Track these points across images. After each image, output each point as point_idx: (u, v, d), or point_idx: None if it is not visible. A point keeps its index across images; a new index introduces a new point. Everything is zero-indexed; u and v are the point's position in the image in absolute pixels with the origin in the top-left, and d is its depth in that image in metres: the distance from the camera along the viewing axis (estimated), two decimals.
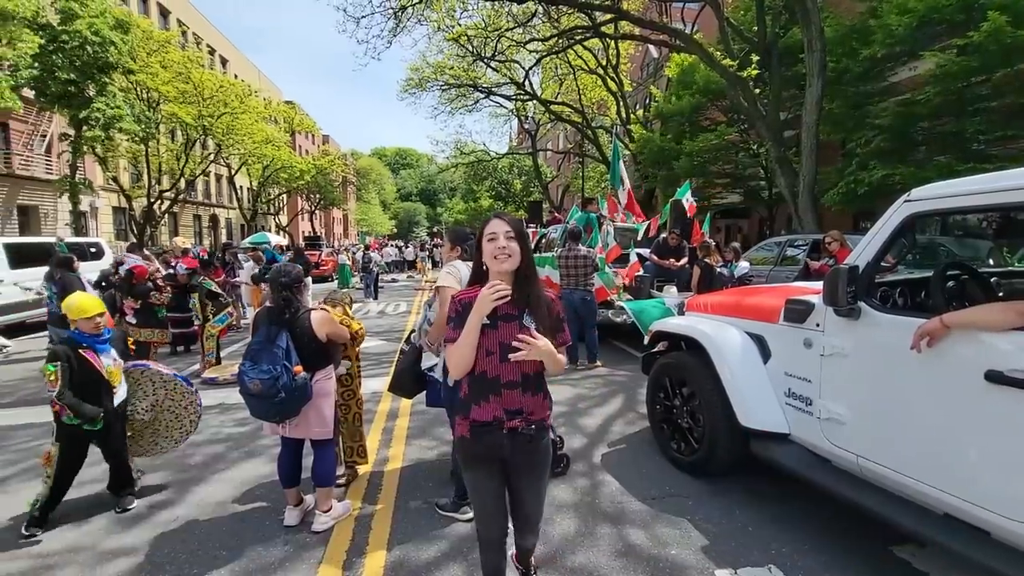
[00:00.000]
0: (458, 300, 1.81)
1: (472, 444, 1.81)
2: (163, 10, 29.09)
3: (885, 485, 2.41)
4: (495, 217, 1.81)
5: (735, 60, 11.40)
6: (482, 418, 1.76)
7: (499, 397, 1.75)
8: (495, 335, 1.73)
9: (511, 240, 1.74)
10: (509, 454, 1.79)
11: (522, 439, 1.78)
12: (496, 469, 1.84)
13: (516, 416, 1.76)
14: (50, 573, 2.59)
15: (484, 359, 1.74)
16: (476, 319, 1.69)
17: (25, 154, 18.78)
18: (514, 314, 1.75)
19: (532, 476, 1.88)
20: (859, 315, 2.45)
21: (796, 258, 8.24)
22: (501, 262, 1.73)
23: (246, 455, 4.01)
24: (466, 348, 1.72)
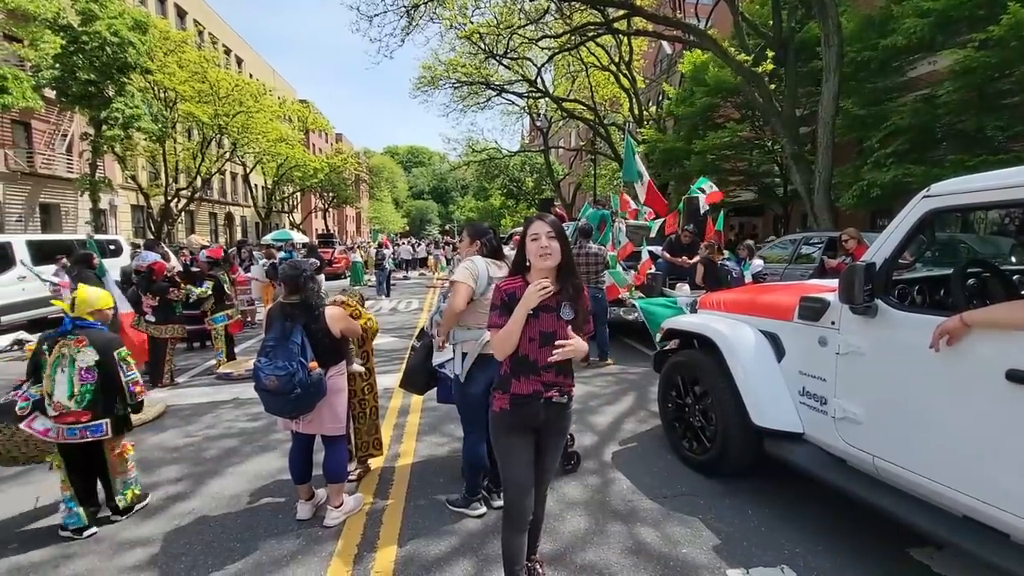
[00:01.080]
0: (503, 290, 2.03)
1: (511, 415, 2.04)
2: (180, 10, 29.49)
3: (902, 486, 2.37)
4: (537, 219, 2.02)
5: (750, 56, 11.26)
6: (522, 391, 2.02)
7: (538, 376, 2.01)
8: (536, 324, 1.98)
9: (552, 239, 1.96)
10: (543, 422, 2.06)
11: (556, 407, 2.05)
12: (529, 440, 2.09)
13: (552, 388, 2.03)
14: (69, 562, 2.65)
15: (526, 344, 1.99)
16: (523, 311, 1.92)
17: (47, 153, 19.18)
18: (553, 306, 1.99)
19: (558, 438, 2.18)
20: (876, 313, 2.40)
21: (811, 256, 8.12)
22: (544, 259, 1.95)
23: (259, 449, 4.06)
24: (513, 336, 1.94)
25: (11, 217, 18.00)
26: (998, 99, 8.65)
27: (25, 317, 9.50)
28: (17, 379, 3.11)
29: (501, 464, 2.12)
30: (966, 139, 9.17)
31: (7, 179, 17.72)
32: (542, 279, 1.93)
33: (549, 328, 1.99)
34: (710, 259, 6.85)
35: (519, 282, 2.03)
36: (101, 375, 2.87)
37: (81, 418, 2.80)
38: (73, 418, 2.79)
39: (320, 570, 2.55)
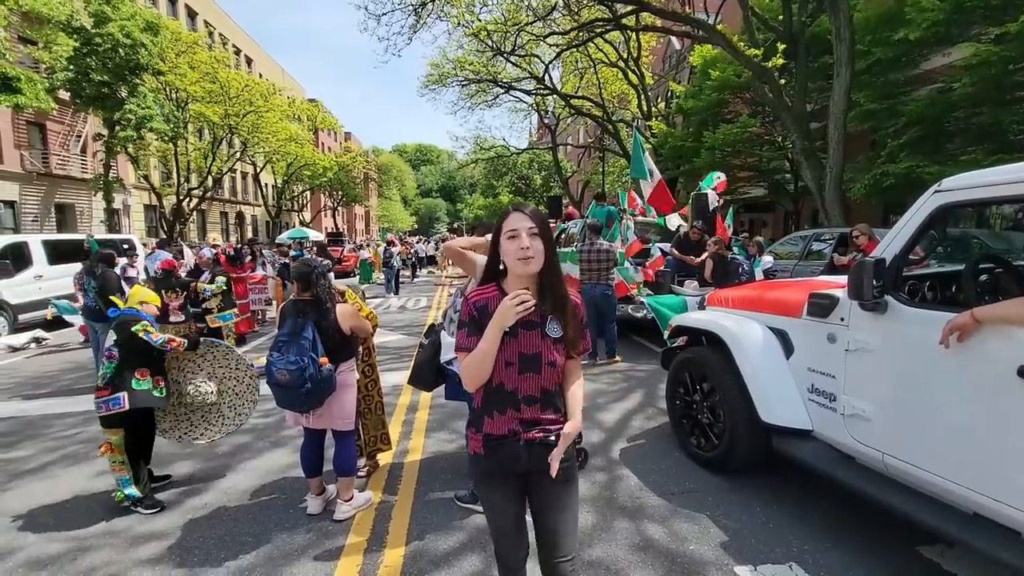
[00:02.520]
0: (472, 302, 1.60)
1: (486, 460, 1.62)
2: (191, 11, 29.76)
3: (912, 483, 2.35)
4: (515, 210, 1.57)
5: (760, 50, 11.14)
6: (496, 432, 1.59)
7: (517, 411, 1.57)
8: (514, 344, 1.55)
9: (535, 238, 1.52)
10: (529, 464, 1.59)
11: (541, 449, 1.57)
12: (514, 487, 1.66)
13: (533, 427, 1.58)
14: (85, 555, 2.71)
15: (502, 370, 1.56)
16: (496, 331, 1.50)
17: (62, 154, 19.47)
18: (536, 321, 1.55)
19: (556, 488, 1.63)
20: (886, 309, 2.39)
21: (822, 252, 8.05)
22: (525, 264, 1.52)
23: (271, 445, 4.11)
24: (484, 361, 1.53)
25: (27, 217, 18.31)
26: (1015, 92, 8.49)
27: (42, 316, 9.67)
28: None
29: (485, 513, 1.78)
30: (981, 133, 9.02)
31: (23, 180, 18.02)
32: (520, 289, 1.49)
33: (531, 349, 1.55)
34: (720, 255, 6.81)
35: (492, 292, 1.60)
36: (123, 352, 3.13)
37: (103, 393, 3.07)
38: (98, 394, 3.09)
39: (330, 564, 2.59)
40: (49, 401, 5.42)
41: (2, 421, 4.83)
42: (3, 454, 4.05)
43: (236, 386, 3.55)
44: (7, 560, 2.67)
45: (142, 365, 3.18)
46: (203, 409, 3.52)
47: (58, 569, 2.59)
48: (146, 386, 3.17)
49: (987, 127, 8.84)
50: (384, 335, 8.26)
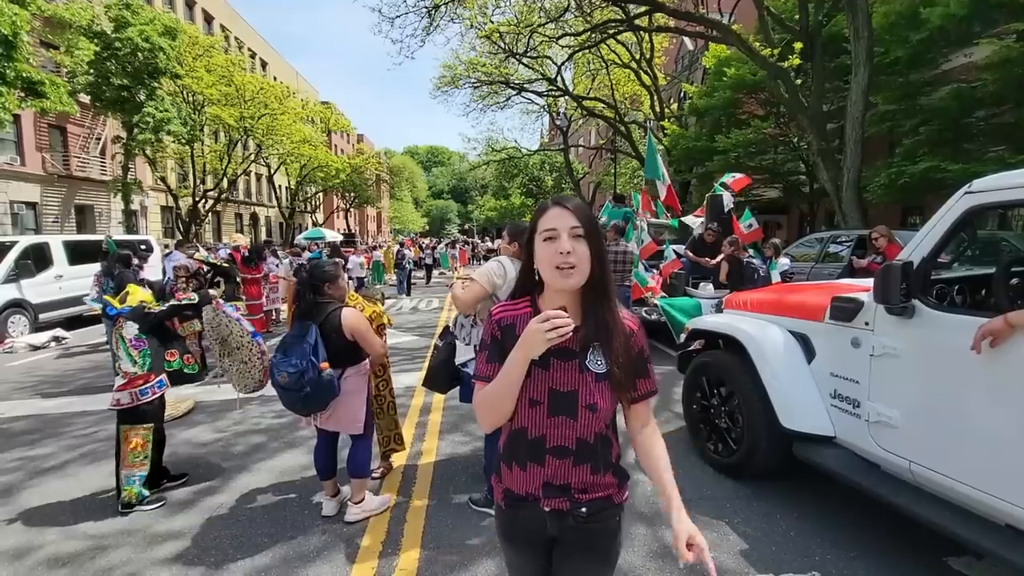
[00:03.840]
0: (496, 319, 1.29)
1: (506, 518, 1.35)
2: (207, 16, 30.19)
3: (940, 492, 2.29)
4: (555, 204, 1.22)
5: (775, 50, 11.02)
6: (515, 489, 1.29)
7: (541, 466, 1.24)
8: (543, 378, 1.21)
9: (578, 240, 1.17)
10: (556, 535, 1.30)
11: (571, 521, 1.26)
12: (539, 552, 1.35)
13: (560, 494, 1.24)
14: (105, 553, 2.73)
15: (525, 410, 1.23)
16: (521, 359, 1.15)
17: (82, 156, 19.84)
18: (574, 349, 1.21)
19: (583, 567, 1.32)
20: (913, 314, 2.33)
21: (839, 255, 7.92)
22: (566, 276, 1.16)
23: (285, 446, 4.13)
24: (503, 395, 1.20)
25: (48, 218, 18.67)
26: None
27: (62, 315, 9.84)
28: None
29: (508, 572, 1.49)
30: (1004, 133, 8.83)
31: (45, 181, 18.38)
32: (557, 307, 1.13)
33: (566, 386, 1.21)
34: (735, 257, 6.73)
35: (523, 308, 1.27)
36: (152, 339, 3.26)
37: (149, 379, 3.23)
38: (142, 380, 3.20)
39: (345, 567, 2.58)
40: (69, 399, 5.50)
41: (23, 419, 4.91)
42: (24, 452, 4.11)
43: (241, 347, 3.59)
44: (27, 558, 2.70)
45: (171, 346, 3.38)
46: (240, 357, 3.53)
47: (77, 567, 2.61)
48: (177, 365, 3.36)
49: (1010, 126, 8.65)
50: (397, 336, 8.28)
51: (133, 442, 3.15)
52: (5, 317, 8.67)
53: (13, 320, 8.84)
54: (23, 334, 8.83)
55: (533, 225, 1.24)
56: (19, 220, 17.66)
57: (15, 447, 4.21)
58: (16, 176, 17.32)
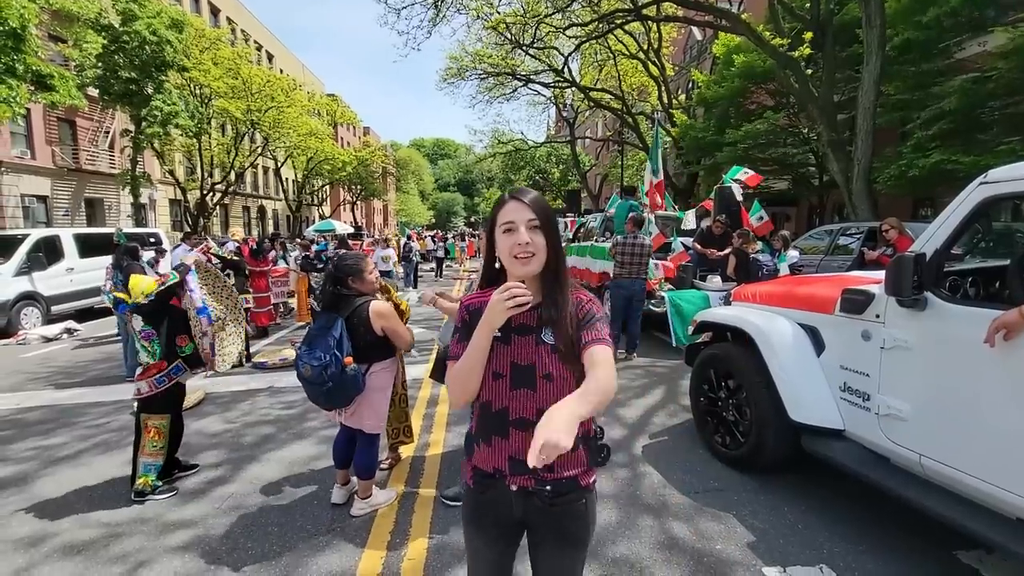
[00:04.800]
0: (466, 305, 1.39)
1: (474, 497, 1.38)
2: (213, 8, 30.16)
3: (951, 486, 2.27)
4: (511, 198, 1.30)
5: (786, 39, 10.86)
6: (483, 466, 1.34)
7: (505, 439, 1.29)
8: (506, 352, 1.30)
9: (535, 231, 1.26)
10: (523, 515, 1.33)
11: (537, 502, 1.30)
12: (504, 535, 1.38)
13: (525, 471, 1.24)
14: (119, 540, 2.77)
15: (490, 383, 1.30)
16: (485, 332, 1.24)
17: (91, 150, 19.96)
18: (532, 325, 1.30)
19: (557, 551, 1.36)
20: (925, 306, 2.30)
21: (849, 247, 7.85)
22: (523, 263, 1.26)
23: (294, 437, 4.16)
24: (471, 369, 1.28)
25: (59, 211, 18.83)
26: None
27: (73, 307, 9.95)
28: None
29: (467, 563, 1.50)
30: (1015, 124, 8.67)
31: (55, 175, 18.52)
32: (513, 283, 1.21)
33: (525, 359, 1.29)
34: (742, 250, 6.69)
35: (489, 295, 1.30)
36: (161, 330, 3.28)
37: (162, 367, 3.26)
38: (156, 369, 3.25)
39: (354, 556, 2.60)
40: (82, 390, 5.57)
41: (38, 409, 4.98)
42: (39, 441, 4.18)
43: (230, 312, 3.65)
44: (43, 545, 2.75)
45: (180, 332, 3.37)
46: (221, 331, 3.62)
47: (92, 554, 2.66)
48: (189, 350, 3.37)
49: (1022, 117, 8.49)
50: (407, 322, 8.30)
51: (151, 431, 3.19)
52: (18, 309, 8.78)
53: (26, 312, 8.96)
54: (36, 326, 8.94)
55: (493, 218, 1.32)
56: (30, 213, 17.83)
57: (30, 437, 4.28)
58: (27, 169, 17.47)
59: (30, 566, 2.58)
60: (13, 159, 16.95)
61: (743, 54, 14.23)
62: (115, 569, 2.54)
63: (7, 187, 16.77)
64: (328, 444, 3.83)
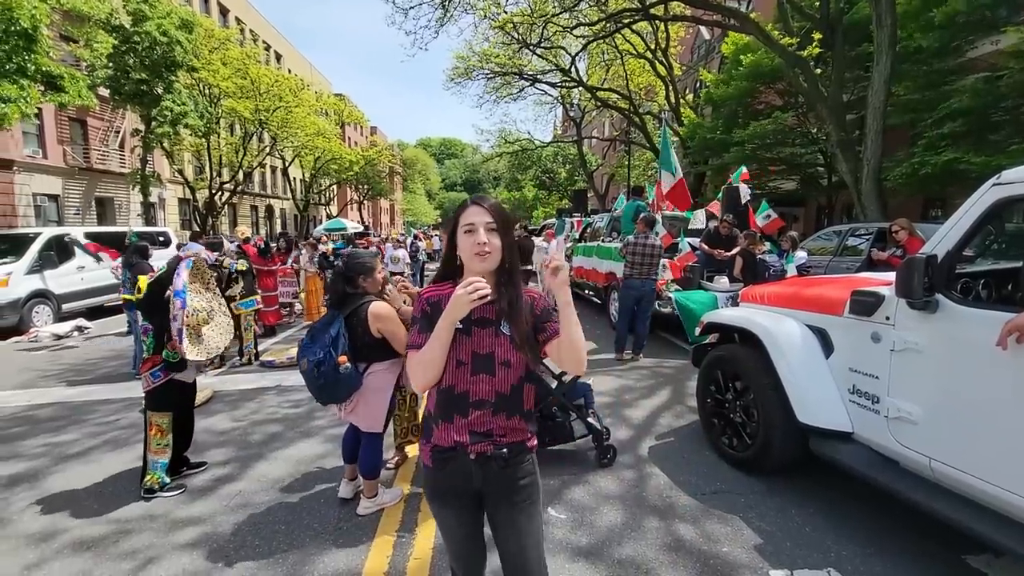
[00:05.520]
0: (425, 298, 1.51)
1: (436, 474, 1.52)
2: (223, 8, 30.37)
3: (961, 490, 2.25)
4: (472, 203, 1.47)
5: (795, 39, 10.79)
6: (442, 442, 1.48)
7: (464, 418, 1.45)
8: (467, 343, 1.45)
9: (492, 233, 1.42)
10: (482, 484, 1.49)
11: (494, 465, 1.46)
12: (467, 505, 1.53)
13: (483, 439, 1.45)
14: (128, 537, 2.80)
15: (453, 370, 1.45)
16: (448, 323, 1.38)
17: (101, 149, 20.16)
18: (491, 318, 1.46)
19: (514, 512, 1.51)
20: (936, 308, 2.28)
21: (858, 248, 7.78)
22: (481, 260, 1.42)
23: (301, 435, 4.18)
24: (434, 358, 1.41)
25: (70, 210, 19.03)
26: None
27: (84, 305, 10.06)
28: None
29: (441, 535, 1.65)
30: None
31: (66, 174, 18.72)
32: (474, 278, 1.36)
33: (485, 348, 1.45)
34: (750, 251, 6.65)
35: (448, 289, 1.48)
36: (155, 323, 3.26)
37: (156, 361, 3.26)
38: (151, 364, 3.26)
39: (360, 554, 2.62)
40: (92, 387, 5.63)
41: (49, 406, 5.03)
42: (50, 438, 4.23)
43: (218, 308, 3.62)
44: (53, 541, 2.78)
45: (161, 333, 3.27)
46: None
47: (101, 551, 2.69)
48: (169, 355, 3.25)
49: None
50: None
51: (153, 428, 3.22)
52: (30, 307, 8.88)
53: (37, 310, 9.06)
54: (47, 324, 9.04)
55: (456, 219, 1.48)
56: (42, 212, 18.03)
57: (41, 433, 4.33)
58: (39, 169, 17.66)
59: (41, 561, 2.61)
60: (25, 158, 17.15)
61: (751, 54, 14.14)
62: (124, 565, 2.56)
63: (19, 186, 16.96)
64: (335, 443, 3.85)
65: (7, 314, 8.52)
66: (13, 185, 16.76)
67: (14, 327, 8.59)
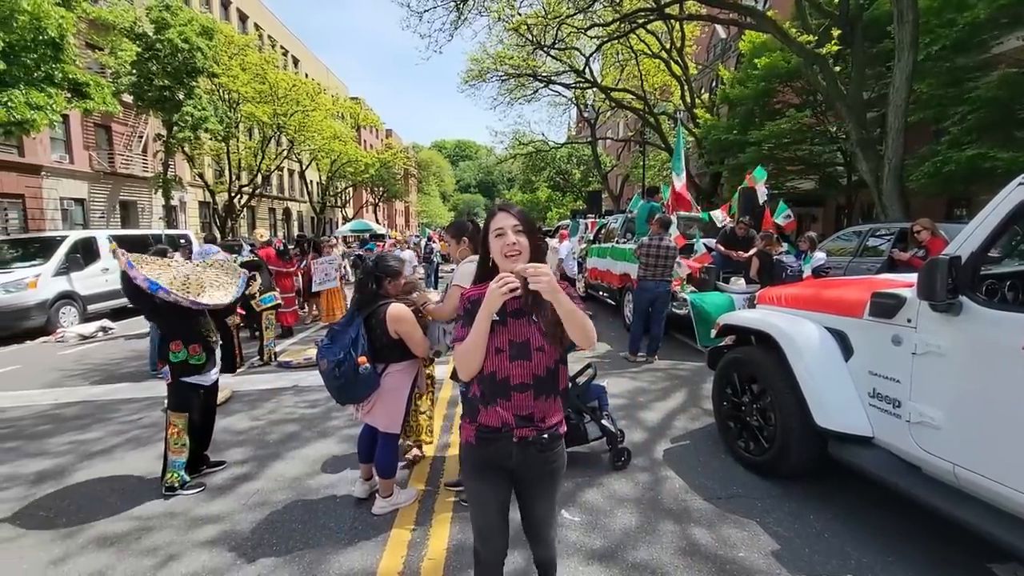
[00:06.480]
0: (467, 298, 1.71)
1: (478, 451, 1.70)
2: (242, 15, 30.91)
3: (986, 497, 2.19)
4: (500, 210, 1.69)
5: (813, 36, 10.62)
6: (490, 423, 1.66)
7: (508, 401, 1.64)
8: (504, 332, 1.63)
9: (520, 235, 1.64)
10: (517, 465, 1.68)
11: (533, 448, 1.66)
12: (503, 479, 1.72)
13: (527, 424, 1.65)
14: (149, 534, 2.86)
15: (493, 357, 1.63)
16: (486, 315, 1.56)
17: (125, 154, 20.65)
18: (523, 310, 1.64)
19: (543, 486, 1.74)
20: (960, 311, 2.23)
21: (879, 249, 7.63)
22: (511, 260, 1.62)
23: (318, 435, 4.23)
24: (475, 346, 1.61)
25: (95, 214, 19.52)
26: None
27: (108, 306, 10.30)
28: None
29: (469, 505, 1.83)
30: None
31: (91, 179, 19.21)
32: (505, 274, 1.53)
33: (521, 336, 1.63)
34: (767, 252, 6.56)
35: (486, 288, 1.61)
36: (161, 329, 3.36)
37: (160, 367, 3.36)
38: (162, 363, 3.35)
39: (375, 554, 2.64)
40: (116, 386, 5.77)
41: (74, 405, 5.17)
42: (75, 436, 4.34)
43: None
44: (78, 536, 2.85)
45: (175, 337, 3.29)
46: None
47: (124, 547, 2.75)
48: (182, 356, 3.28)
49: None
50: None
51: (170, 427, 3.28)
52: (57, 308, 9.13)
53: (64, 311, 9.30)
54: (73, 324, 9.28)
55: (486, 226, 1.71)
56: (68, 215, 18.52)
57: (67, 431, 4.44)
58: (66, 173, 18.15)
59: (66, 556, 2.68)
60: (53, 163, 17.63)
61: (768, 54, 13.95)
62: (146, 562, 2.62)
63: (47, 190, 17.45)
64: (351, 443, 3.90)
65: (35, 315, 8.77)
66: (41, 189, 17.24)
67: (42, 328, 8.83)
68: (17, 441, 4.26)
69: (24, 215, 16.80)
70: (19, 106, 9.43)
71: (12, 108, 9.34)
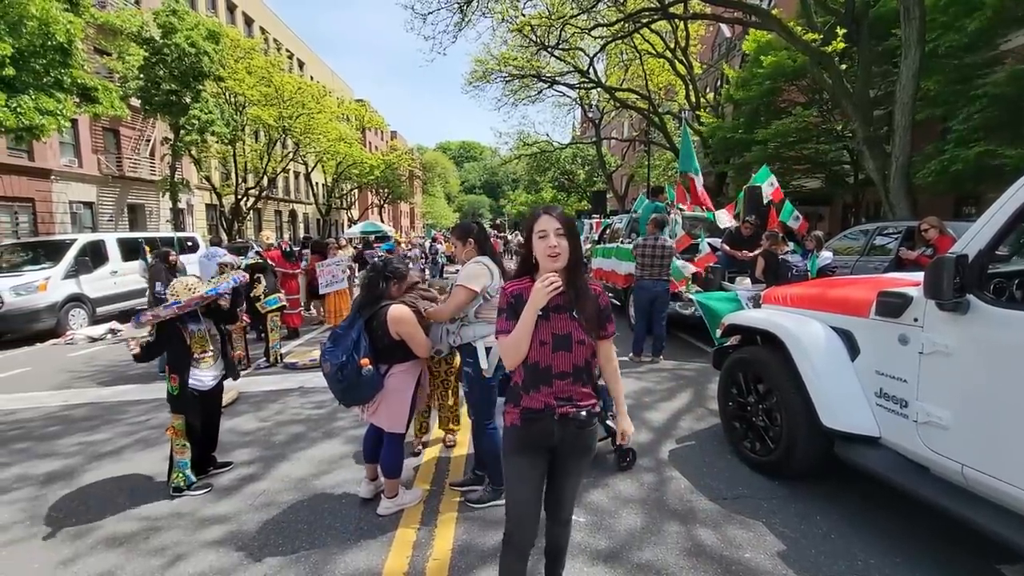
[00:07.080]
0: (509, 292, 1.86)
1: (522, 431, 1.84)
2: (247, 19, 31.10)
3: (995, 497, 2.17)
4: (544, 212, 1.82)
5: (819, 34, 10.56)
6: (533, 406, 1.81)
7: (550, 387, 1.80)
8: (547, 326, 1.78)
9: (561, 237, 1.77)
10: (558, 441, 1.83)
11: (573, 425, 1.82)
12: (542, 457, 1.88)
13: (566, 403, 1.81)
14: (157, 534, 2.88)
15: (537, 349, 1.78)
16: (532, 312, 1.73)
17: (133, 158, 20.83)
18: (564, 305, 1.80)
19: (577, 461, 1.92)
20: (967, 310, 2.21)
21: (886, 247, 7.57)
22: (553, 260, 1.77)
23: (324, 436, 4.25)
24: (522, 340, 1.76)
25: (103, 217, 19.70)
26: None
27: (117, 308, 10.39)
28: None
29: (506, 486, 1.95)
30: None
31: (100, 182, 19.39)
32: (549, 274, 1.72)
33: (563, 330, 1.79)
34: (772, 252, 6.53)
35: (527, 283, 1.83)
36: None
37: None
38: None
39: (380, 554, 2.64)
40: (125, 388, 5.82)
41: (83, 406, 5.22)
42: (84, 437, 4.38)
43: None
44: (88, 537, 2.88)
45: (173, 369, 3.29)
46: None
47: (132, 547, 2.77)
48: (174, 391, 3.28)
49: None
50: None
51: (169, 429, 3.30)
52: (66, 311, 9.22)
53: (73, 314, 9.39)
54: (82, 327, 9.37)
55: (530, 227, 1.85)
56: (77, 219, 18.70)
57: (76, 432, 4.49)
58: (75, 177, 18.33)
59: (76, 556, 2.70)
60: (63, 167, 17.81)
61: (773, 53, 13.88)
62: (154, 561, 2.64)
63: (57, 194, 17.62)
64: (356, 443, 3.91)
65: (45, 317, 8.86)
66: (51, 193, 17.41)
67: (51, 330, 8.92)
68: (27, 442, 4.31)
69: (34, 218, 16.97)
70: (29, 111, 9.54)
71: (22, 114, 9.45)
